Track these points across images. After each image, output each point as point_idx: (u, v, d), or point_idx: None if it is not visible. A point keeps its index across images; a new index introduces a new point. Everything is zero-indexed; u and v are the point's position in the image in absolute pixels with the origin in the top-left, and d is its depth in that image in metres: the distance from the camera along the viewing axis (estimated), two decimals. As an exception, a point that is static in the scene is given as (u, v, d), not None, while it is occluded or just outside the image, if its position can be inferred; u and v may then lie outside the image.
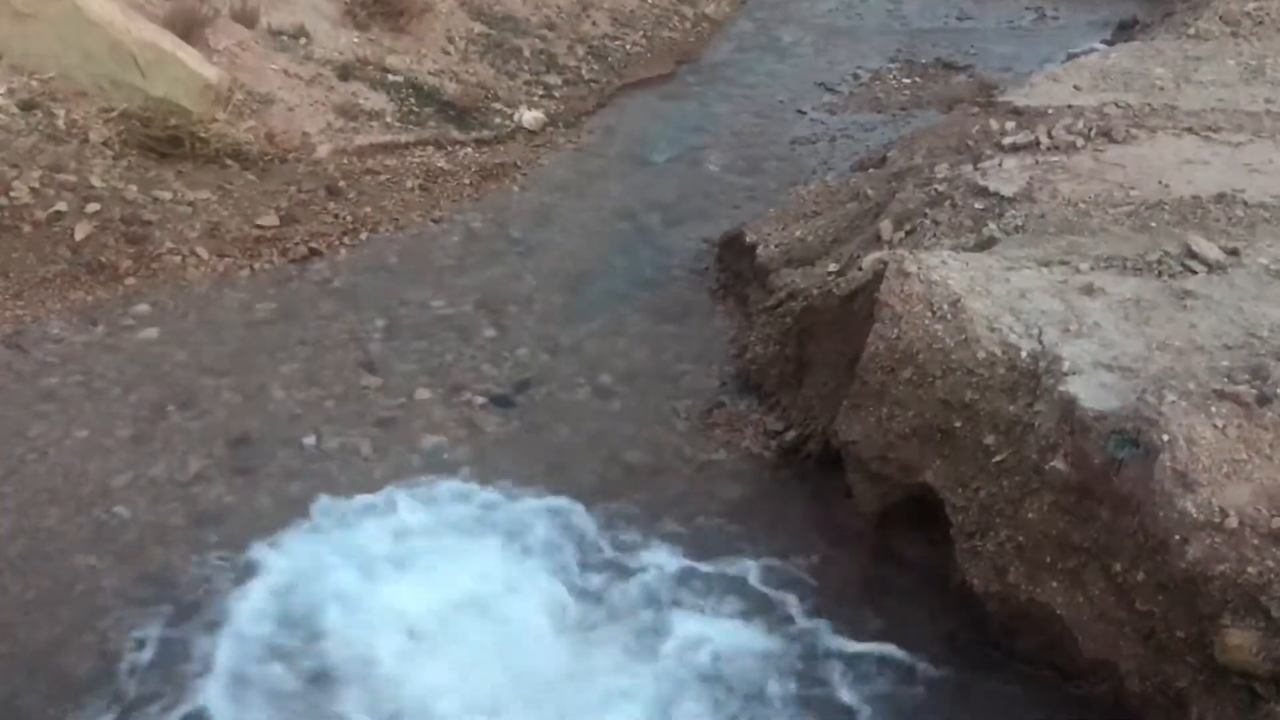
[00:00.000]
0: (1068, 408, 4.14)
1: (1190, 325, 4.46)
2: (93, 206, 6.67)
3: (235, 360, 5.91)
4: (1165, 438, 3.87)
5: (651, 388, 5.88)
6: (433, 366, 5.96)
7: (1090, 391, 4.16)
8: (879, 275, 4.98)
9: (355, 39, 8.73)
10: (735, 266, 6.75)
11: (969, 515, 4.43)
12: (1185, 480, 3.80)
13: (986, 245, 5.32)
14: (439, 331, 6.24)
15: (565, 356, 6.09)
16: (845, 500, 5.01)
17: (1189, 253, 4.88)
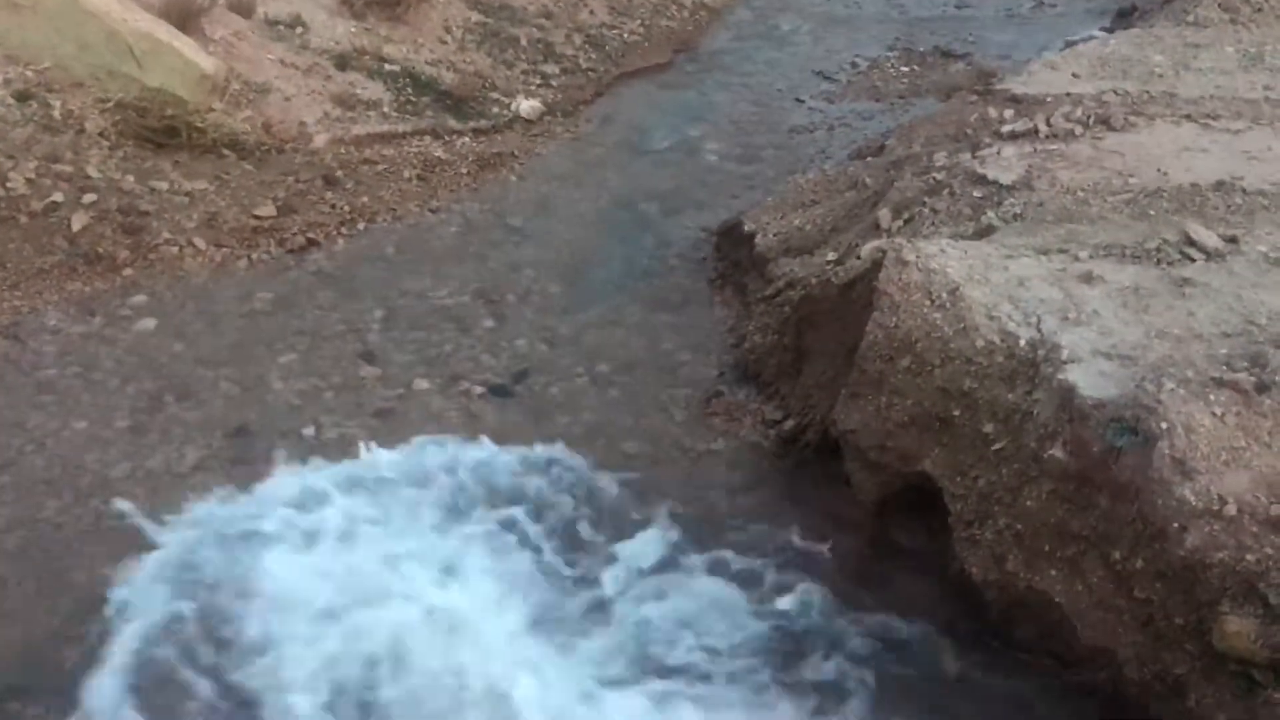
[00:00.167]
0: (1066, 396, 4.13)
1: (1189, 313, 4.45)
2: (89, 197, 6.65)
3: (233, 351, 5.90)
4: (1164, 425, 3.87)
5: (650, 377, 5.87)
6: (431, 357, 5.95)
7: (1089, 379, 4.15)
8: (877, 264, 4.96)
9: (352, 28, 8.70)
10: (733, 256, 6.74)
11: (967, 504, 4.43)
12: (1184, 468, 3.80)
13: (985, 233, 5.31)
14: (437, 322, 6.22)
15: (563, 346, 6.08)
16: (843, 489, 4.99)
17: (1188, 240, 4.87)
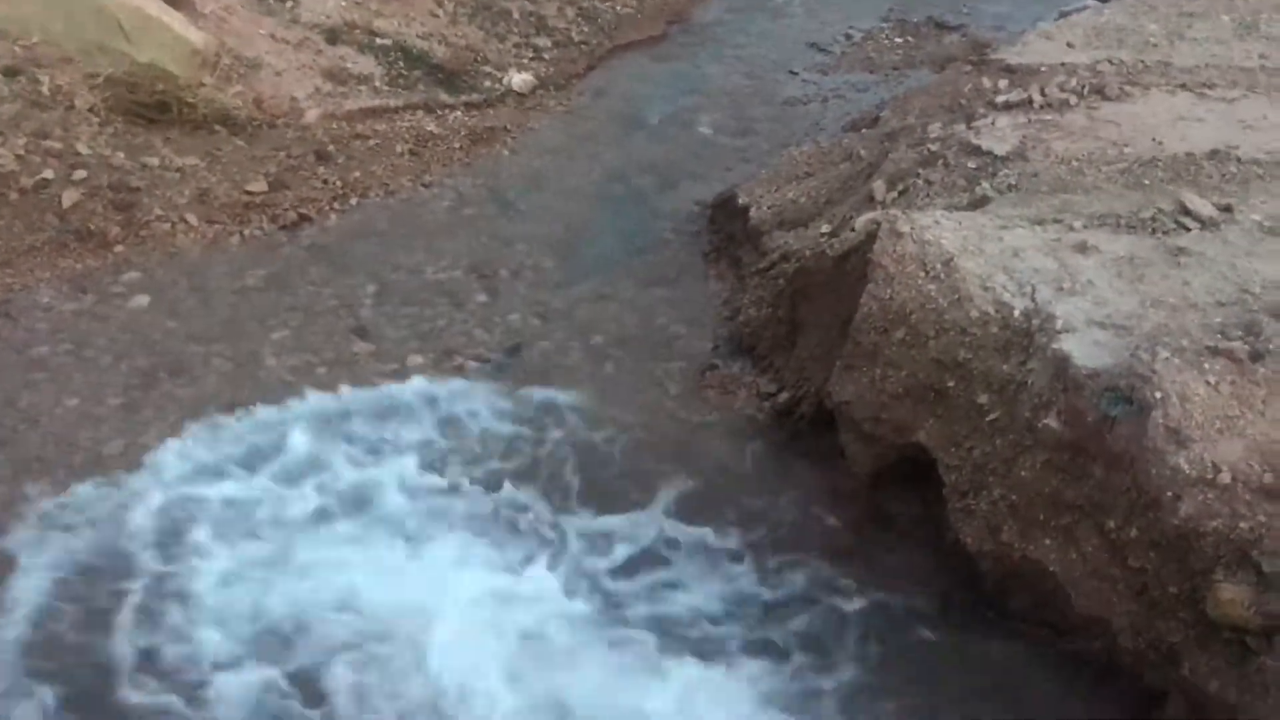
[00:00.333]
0: (1061, 366, 4.13)
1: (1184, 282, 4.45)
2: (80, 174, 6.59)
3: (226, 327, 5.88)
4: (1158, 394, 3.87)
5: (644, 351, 5.86)
6: (424, 332, 5.93)
7: (1083, 349, 4.15)
8: (872, 236, 4.95)
9: (343, 2, 8.61)
10: (728, 229, 6.71)
11: (962, 474, 4.43)
12: (1178, 437, 3.80)
13: (980, 204, 5.29)
14: (430, 297, 6.20)
15: (557, 321, 6.07)
16: (838, 461, 5.00)
17: (1182, 210, 4.86)
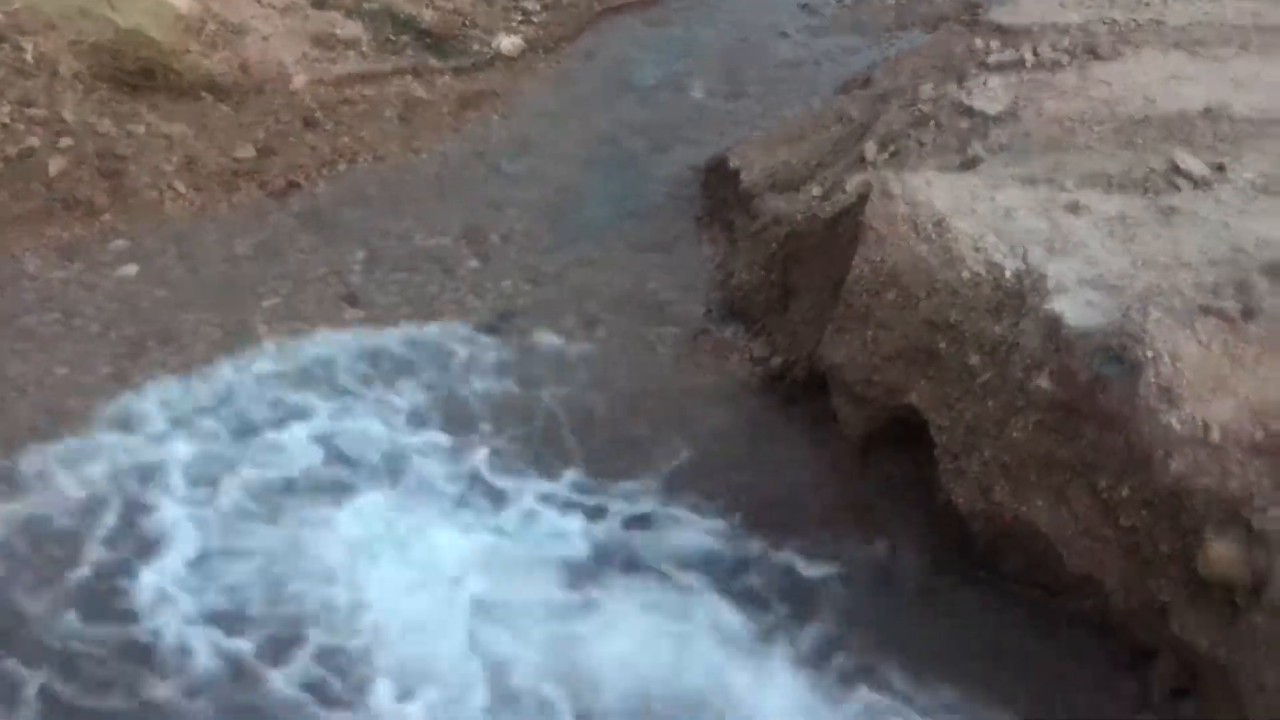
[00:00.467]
0: (1053, 326, 4.13)
1: (1176, 241, 4.44)
2: (65, 141, 6.52)
3: (216, 296, 5.84)
4: (1150, 354, 3.87)
5: (636, 316, 5.84)
6: (414, 298, 5.90)
7: (1075, 309, 4.15)
8: (863, 198, 4.93)
9: (329, -34, 8.53)
10: (720, 193, 6.67)
11: (954, 436, 4.44)
12: (1170, 396, 3.81)
13: (971, 165, 5.27)
14: (421, 263, 6.17)
15: (549, 286, 6.04)
16: (830, 424, 5.00)
17: (1175, 169, 4.84)
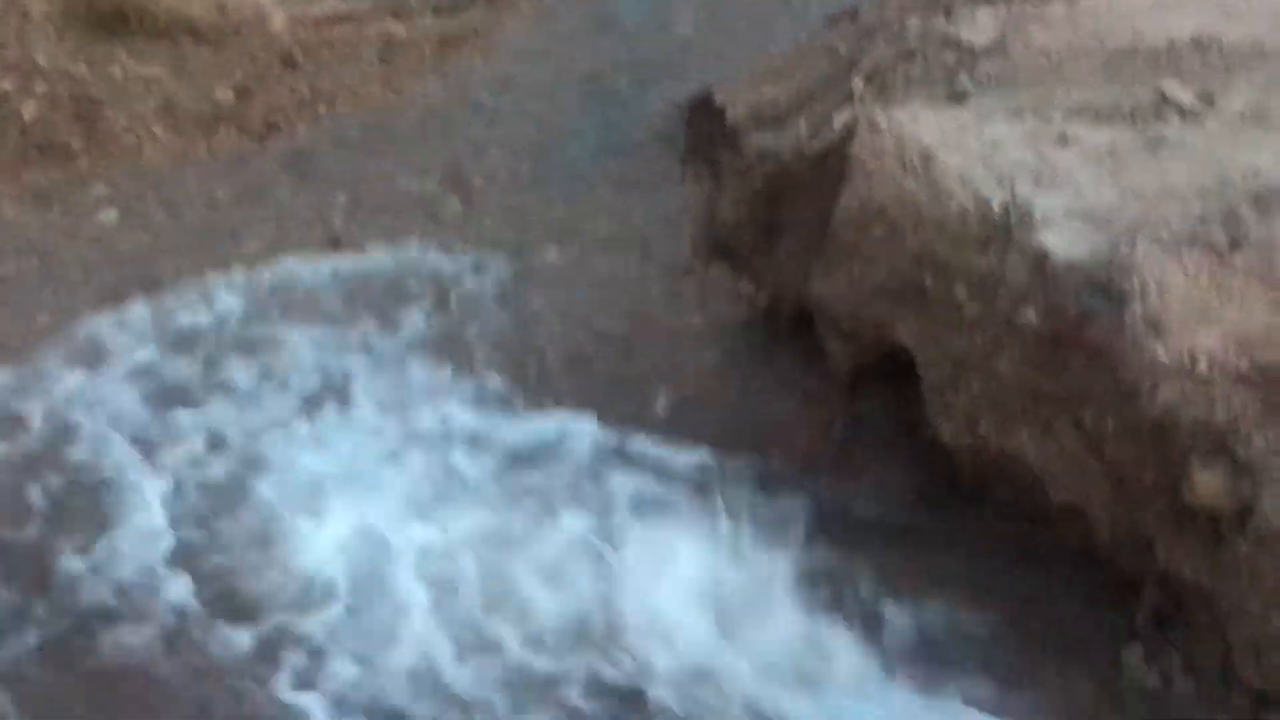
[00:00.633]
0: (1040, 259, 4.11)
1: (1164, 173, 4.40)
2: (40, 86, 6.43)
3: (197, 240, 5.80)
4: (1137, 286, 3.86)
5: (622, 256, 5.80)
6: (398, 242, 5.85)
7: (1062, 242, 4.12)
8: (850, 133, 4.88)
9: (305, -98, 8.36)
10: (705, 130, 6.59)
11: (940, 370, 4.43)
12: (1156, 327, 3.80)
13: (959, 99, 5.20)
14: (404, 206, 6.11)
15: (532, 227, 5.99)
16: (818, 362, 4.99)
17: (1163, 99, 4.79)
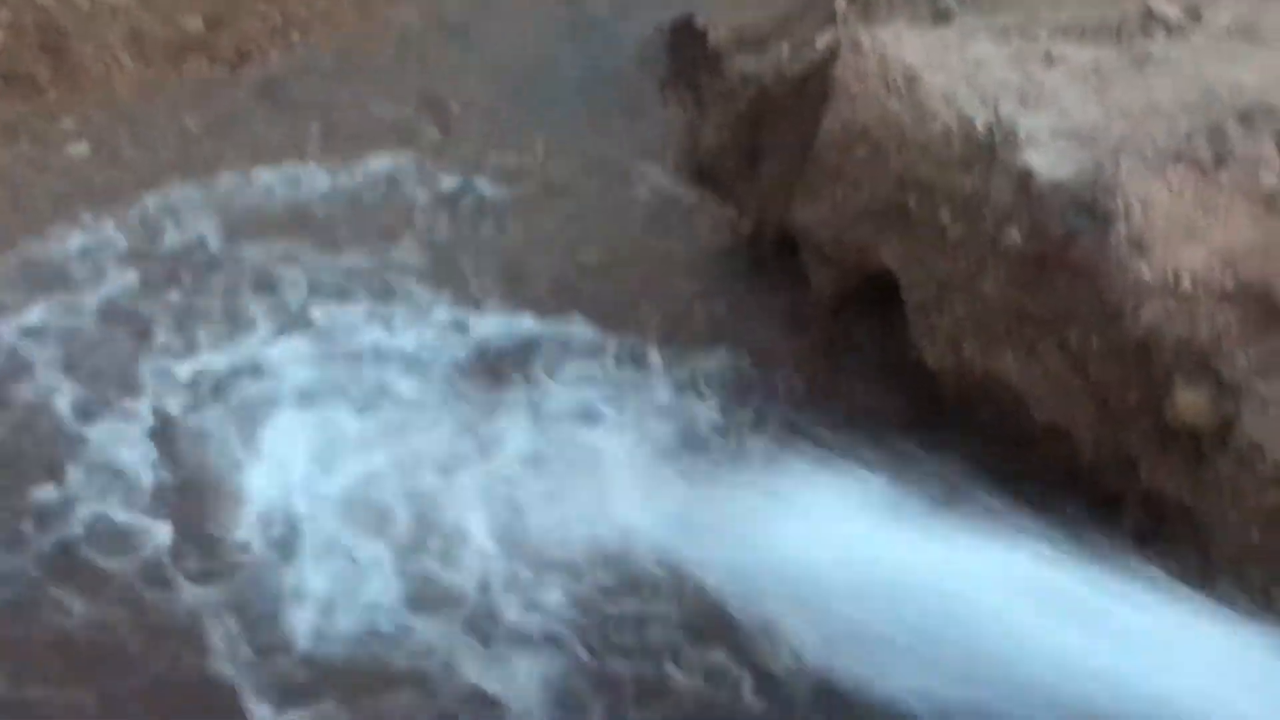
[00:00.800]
0: (1024, 179, 4.08)
1: (1149, 90, 4.36)
2: (4, 15, 6.28)
3: (170, 174, 5.68)
4: (1121, 204, 3.84)
5: (603, 183, 5.73)
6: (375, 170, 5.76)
7: (1047, 161, 4.09)
8: (833, 54, 4.83)
9: None
10: (686, 54, 6.47)
11: (924, 293, 4.43)
12: (1140, 246, 3.79)
13: (943, 18, 5.13)
14: (380, 134, 6.00)
15: (511, 154, 5.90)
16: (801, 288, 4.97)
17: (1149, 15, 4.73)
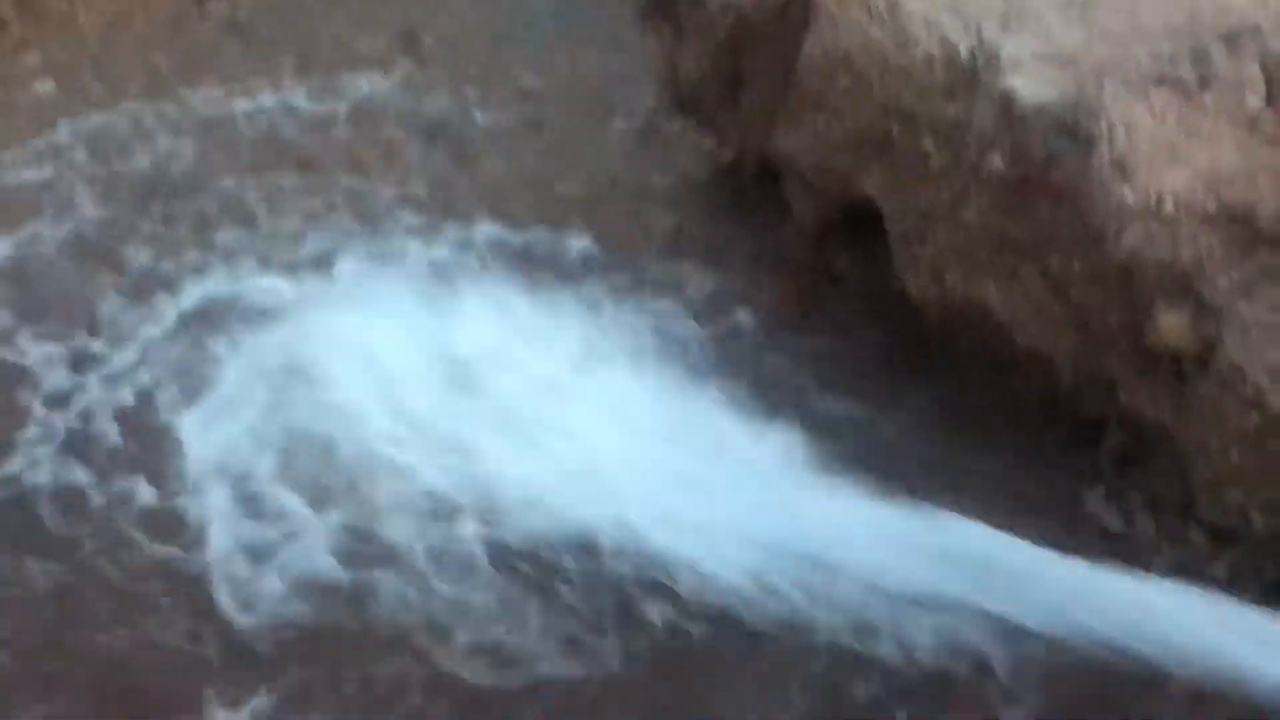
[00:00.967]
0: (1006, 103, 4.04)
1: (1134, 12, 4.31)
2: (-37, -49, 6.14)
3: (140, 110, 5.58)
4: (1104, 127, 3.81)
5: (583, 116, 5.66)
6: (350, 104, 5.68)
7: (1029, 86, 4.05)
8: (813, -21, 4.75)
9: None
10: (664, -17, 6.41)
11: (907, 222, 4.40)
12: (1123, 169, 3.77)
13: (924, -59, 5.07)
14: (355, 68, 5.90)
15: (491, 88, 5.81)
16: (783, 219, 4.94)
17: (1133, -64, 4.67)
